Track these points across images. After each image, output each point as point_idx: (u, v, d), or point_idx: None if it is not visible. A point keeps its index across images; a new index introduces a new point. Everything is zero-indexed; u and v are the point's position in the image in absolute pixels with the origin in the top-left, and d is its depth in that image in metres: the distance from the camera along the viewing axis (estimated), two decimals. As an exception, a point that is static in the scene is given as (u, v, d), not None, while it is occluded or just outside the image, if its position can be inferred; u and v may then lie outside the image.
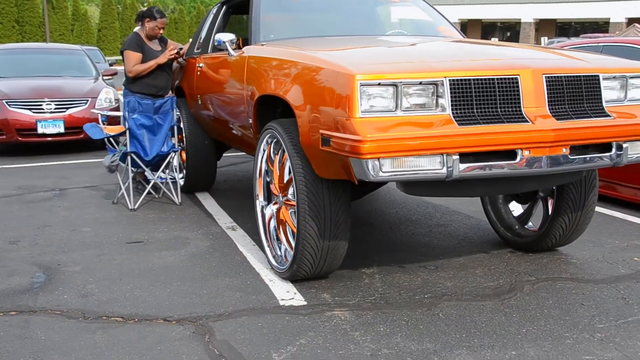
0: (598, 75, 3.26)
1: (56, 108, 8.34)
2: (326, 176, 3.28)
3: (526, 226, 4.39)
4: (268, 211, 3.92)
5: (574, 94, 3.19)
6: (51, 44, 13.69)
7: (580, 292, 3.55)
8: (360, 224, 4.96)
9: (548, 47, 3.97)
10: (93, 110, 7.85)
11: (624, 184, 5.43)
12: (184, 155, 5.88)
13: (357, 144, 2.79)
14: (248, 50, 4.33)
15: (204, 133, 5.73)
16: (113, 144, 5.71)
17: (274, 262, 3.79)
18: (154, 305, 3.36)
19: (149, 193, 5.70)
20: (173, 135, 5.64)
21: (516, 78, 3.05)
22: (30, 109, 8.26)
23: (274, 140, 3.70)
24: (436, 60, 3.18)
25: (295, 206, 3.45)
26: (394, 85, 2.90)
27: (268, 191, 3.95)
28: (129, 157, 5.43)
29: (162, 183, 5.81)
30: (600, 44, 5.96)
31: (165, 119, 5.59)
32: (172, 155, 5.60)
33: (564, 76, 3.16)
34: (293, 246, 3.52)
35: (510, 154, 3.01)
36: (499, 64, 3.14)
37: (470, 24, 40.13)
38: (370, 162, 2.81)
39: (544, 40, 23.05)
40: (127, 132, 5.42)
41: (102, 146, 5.78)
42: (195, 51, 5.73)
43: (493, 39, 29.33)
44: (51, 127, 8.27)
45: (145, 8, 6.03)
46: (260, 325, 3.13)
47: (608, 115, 3.24)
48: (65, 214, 5.29)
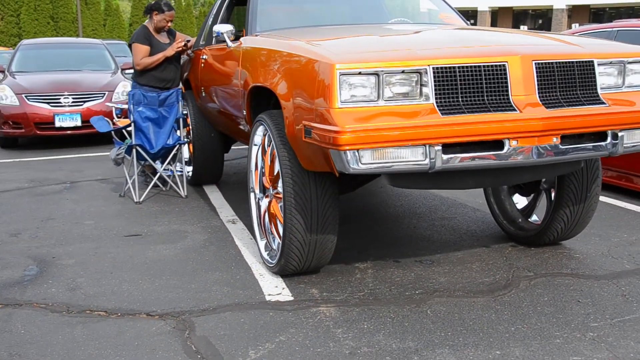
0: (592, 60, 3.11)
1: (73, 102, 8.42)
2: (311, 168, 3.20)
3: (530, 219, 4.24)
4: (263, 204, 3.87)
5: (567, 81, 3.05)
6: (71, 38, 13.83)
7: (578, 289, 3.41)
8: (360, 218, 4.87)
9: (545, 33, 3.81)
10: (108, 103, 7.90)
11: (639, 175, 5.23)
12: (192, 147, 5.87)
13: (335, 135, 2.71)
14: (245, 41, 4.27)
15: (210, 126, 5.69)
16: (125, 136, 5.70)
17: (266, 257, 3.74)
18: (140, 299, 3.34)
19: (157, 186, 5.70)
20: (179, 127, 5.62)
21: (504, 65, 2.93)
22: (48, 103, 8.36)
23: (265, 132, 3.64)
24: (423, 48, 3.07)
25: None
26: (376, 74, 2.81)
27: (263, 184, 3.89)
28: (135, 150, 5.43)
29: (169, 176, 5.81)
30: (614, 29, 5.72)
31: (170, 112, 5.57)
32: (178, 147, 5.59)
33: (556, 62, 3.02)
34: (282, 240, 3.45)
35: (497, 144, 2.90)
36: (486, 51, 3.02)
37: (501, 12, 39.33)
38: (349, 154, 2.73)
39: (575, 27, 22.50)
40: (132, 125, 5.42)
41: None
42: (200, 43, 5.70)
43: (522, 27, 28.75)
44: (68, 121, 8.35)
45: (153, 1, 5.99)
46: (242, 321, 3.07)
47: (603, 102, 3.09)
48: (71, 207, 5.31)
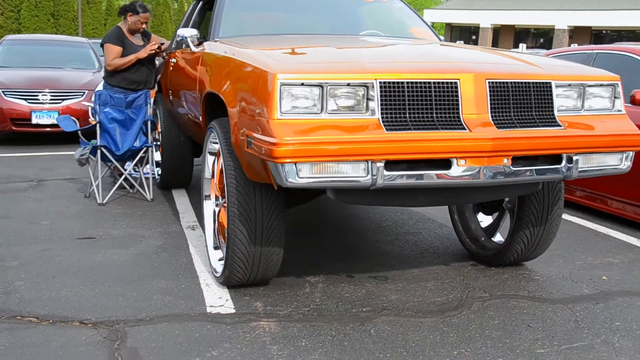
0: (550, 82, 3.02)
1: (52, 99, 8.31)
2: (255, 179, 3.11)
3: (493, 238, 4.15)
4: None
5: (522, 102, 2.97)
6: (56, 35, 13.75)
7: (531, 312, 3.32)
8: (322, 230, 4.78)
9: (507, 52, 3.71)
10: (83, 102, 7.80)
11: (614, 198, 5.14)
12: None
13: (273, 147, 2.62)
14: (206, 46, 4.18)
15: (180, 129, 5.60)
16: (94, 137, 5.58)
17: (215, 266, 3.64)
18: (76, 306, 3.23)
19: (123, 188, 5.59)
20: (147, 130, 5.52)
21: (455, 82, 2.84)
22: (25, 99, 8.24)
23: (215, 139, 3.54)
24: (372, 61, 2.98)
25: (230, 209, 3.28)
26: (320, 86, 2.72)
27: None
28: (99, 151, 5.33)
29: (135, 179, 5.70)
30: (594, 52, 5.63)
31: (138, 114, 5.48)
32: (146, 150, 5.48)
33: (511, 82, 2.94)
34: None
35: (444, 163, 2.81)
36: (438, 67, 2.93)
37: (503, 30, 39.29)
38: (286, 167, 2.64)
39: (574, 46, 22.47)
40: (98, 126, 5.32)
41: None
42: (172, 47, 5.61)
43: (522, 45, 28.67)
44: (46, 118, 8.23)
45: (129, 2, 5.91)
46: (177, 333, 2.97)
47: (559, 125, 3.00)
48: (31, 206, 5.20)
